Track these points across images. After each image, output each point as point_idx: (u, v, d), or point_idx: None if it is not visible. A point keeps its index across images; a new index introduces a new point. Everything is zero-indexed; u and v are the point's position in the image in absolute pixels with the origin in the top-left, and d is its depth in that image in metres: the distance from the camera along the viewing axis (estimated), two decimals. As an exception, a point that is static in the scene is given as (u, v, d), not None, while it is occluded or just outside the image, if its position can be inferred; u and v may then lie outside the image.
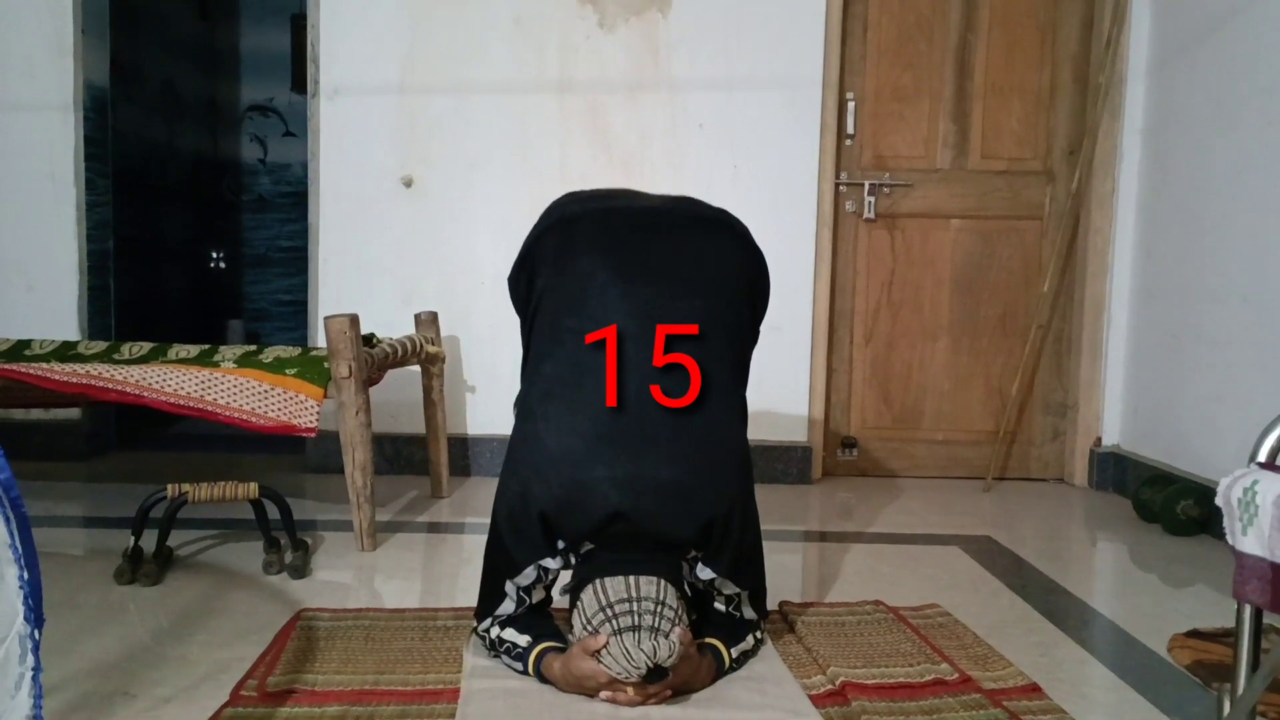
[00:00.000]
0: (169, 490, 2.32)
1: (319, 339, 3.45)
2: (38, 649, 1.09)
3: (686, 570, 1.76)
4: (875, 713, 1.64)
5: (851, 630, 2.03)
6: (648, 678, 1.59)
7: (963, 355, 3.75)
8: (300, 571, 2.37)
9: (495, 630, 1.80)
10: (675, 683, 1.65)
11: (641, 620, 1.60)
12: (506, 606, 1.79)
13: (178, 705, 1.64)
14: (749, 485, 1.80)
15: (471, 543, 2.71)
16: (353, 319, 2.54)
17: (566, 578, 1.78)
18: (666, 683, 1.63)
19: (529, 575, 1.75)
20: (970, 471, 3.76)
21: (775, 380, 3.53)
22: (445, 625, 2.02)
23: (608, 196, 2.03)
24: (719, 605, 1.84)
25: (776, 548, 2.71)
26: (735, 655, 1.80)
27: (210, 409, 2.49)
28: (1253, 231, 2.90)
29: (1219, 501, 1.36)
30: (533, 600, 1.80)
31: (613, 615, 1.61)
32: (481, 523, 1.85)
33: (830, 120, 3.56)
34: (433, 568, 2.60)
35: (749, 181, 3.53)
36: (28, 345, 2.82)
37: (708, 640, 1.78)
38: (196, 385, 2.52)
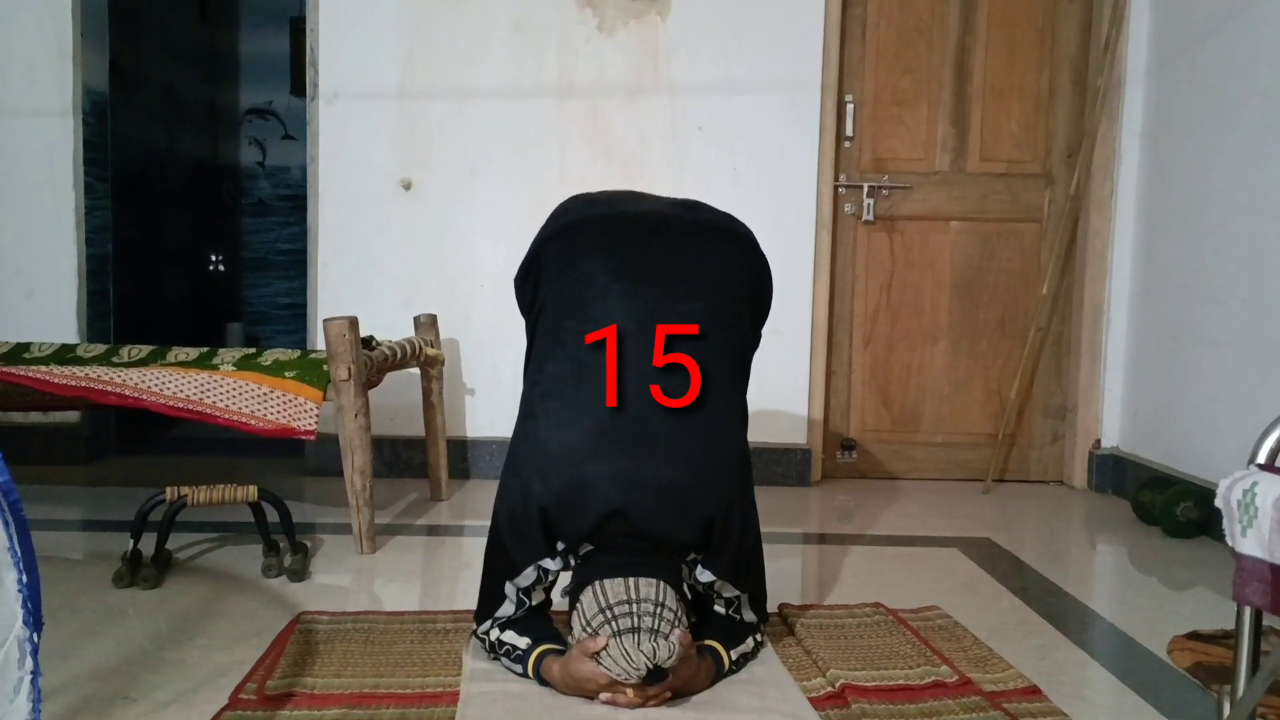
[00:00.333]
0: (168, 493, 2.32)
1: (318, 342, 3.45)
2: (37, 653, 1.09)
3: (686, 573, 1.76)
4: (875, 715, 1.64)
5: (851, 633, 2.03)
6: (647, 680, 1.59)
7: (962, 358, 3.76)
8: (299, 574, 2.36)
9: (495, 633, 1.80)
10: (675, 685, 1.65)
11: (641, 622, 1.60)
12: (506, 609, 1.79)
13: (177, 709, 1.64)
14: (749, 487, 1.80)
15: (471, 545, 2.71)
16: (352, 322, 2.54)
17: (566, 580, 1.78)
18: (666, 684, 1.63)
19: (529, 576, 1.75)
20: (970, 474, 3.76)
21: (774, 382, 3.53)
22: (445, 628, 2.02)
23: (613, 201, 2.04)
24: (719, 608, 1.84)
25: (776, 550, 2.71)
26: (735, 658, 1.80)
27: (209, 412, 2.49)
28: (1252, 233, 2.90)
29: (1218, 503, 1.36)
30: (532, 602, 1.80)
31: (612, 617, 1.61)
32: (481, 525, 1.86)
33: (829, 123, 3.56)
34: (432, 571, 2.59)
35: (748, 184, 3.53)
36: (27, 348, 2.82)
37: (707, 642, 1.78)
38: (196, 388, 2.52)
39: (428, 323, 3.22)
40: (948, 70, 3.67)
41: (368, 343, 2.73)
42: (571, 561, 1.75)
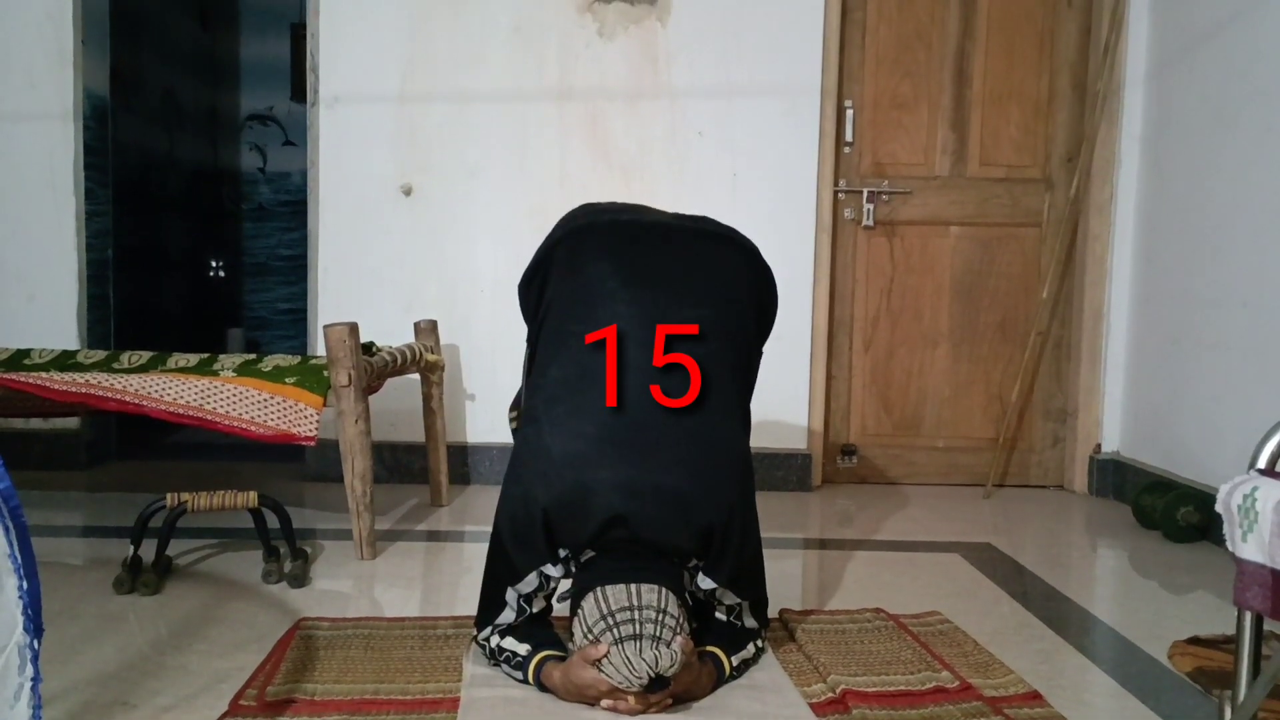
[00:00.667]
0: (168, 499, 2.32)
1: (318, 347, 3.45)
2: (37, 659, 1.09)
3: (687, 580, 1.77)
4: (876, 721, 1.64)
5: (852, 638, 2.03)
6: (649, 687, 1.59)
7: (962, 362, 3.76)
8: (300, 580, 2.36)
9: (495, 639, 1.80)
10: (676, 691, 1.65)
11: (643, 629, 1.60)
12: (507, 615, 1.79)
13: (177, 715, 1.64)
14: (750, 494, 1.80)
15: (471, 551, 2.71)
16: (352, 327, 2.55)
17: (567, 586, 1.78)
18: (667, 691, 1.63)
19: (531, 582, 1.75)
20: (970, 478, 3.76)
21: (775, 388, 3.52)
22: (445, 634, 2.02)
23: (620, 210, 2.05)
24: (720, 615, 1.84)
25: (777, 555, 2.70)
26: (736, 664, 1.80)
27: (209, 418, 2.49)
28: (1252, 236, 2.90)
29: (1219, 508, 1.36)
30: (533, 609, 1.80)
31: (614, 624, 1.61)
32: (481, 530, 1.86)
33: (829, 128, 3.57)
34: (432, 576, 2.59)
35: (748, 189, 3.54)
36: (27, 354, 2.82)
37: (708, 648, 1.78)
38: (196, 394, 2.52)
39: (428, 328, 3.23)
40: (947, 75, 3.68)
41: (368, 348, 2.73)
42: (573, 568, 1.75)
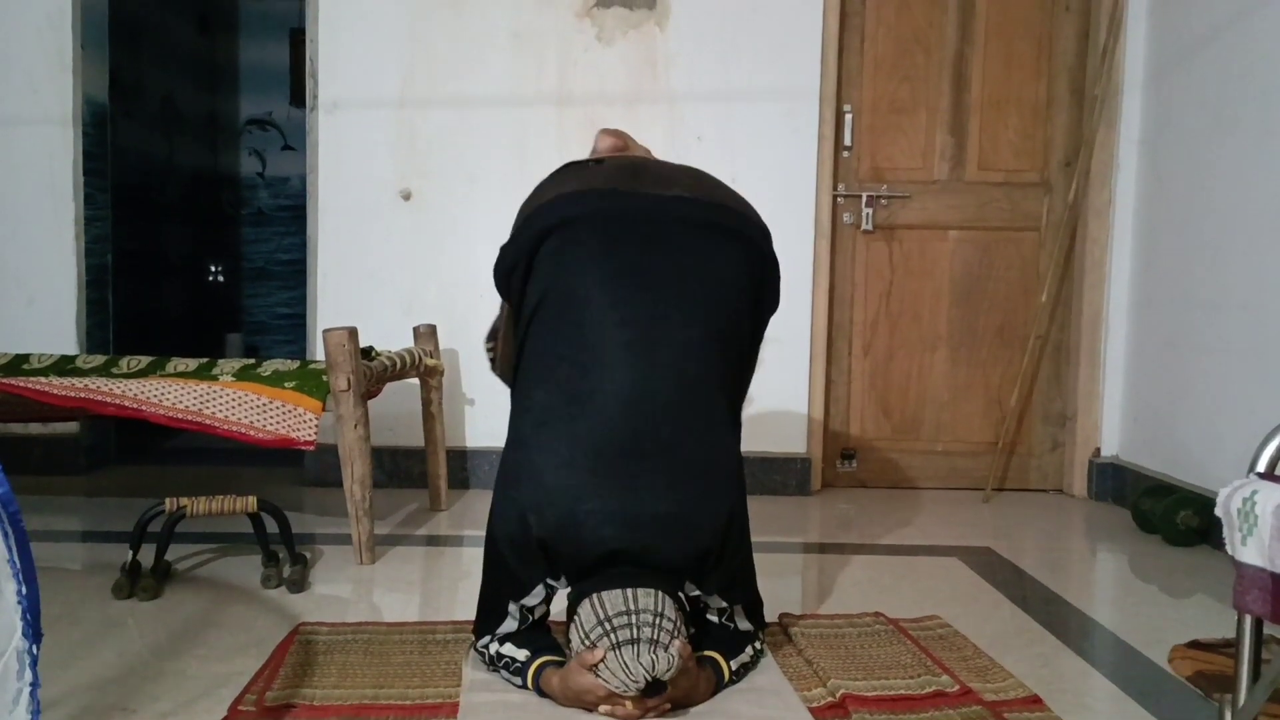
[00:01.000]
0: (167, 504, 2.32)
1: (318, 352, 3.44)
2: (36, 664, 1.08)
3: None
4: (876, 725, 1.64)
5: (852, 642, 2.03)
6: (646, 691, 1.59)
7: (961, 366, 3.76)
8: (299, 585, 2.36)
9: (494, 646, 1.80)
10: (674, 696, 1.65)
11: (640, 633, 1.59)
12: (509, 625, 1.79)
13: (176, 720, 1.64)
14: (742, 504, 1.80)
15: (471, 556, 2.70)
16: (351, 332, 2.54)
17: (567, 591, 1.78)
18: (665, 696, 1.62)
19: (538, 594, 1.76)
20: (970, 482, 3.75)
21: (774, 392, 3.53)
22: (444, 639, 2.02)
23: (608, 194, 1.89)
24: (711, 617, 1.84)
25: (776, 560, 2.70)
26: (734, 668, 1.80)
27: (209, 422, 2.49)
28: (1251, 240, 2.90)
29: (1218, 512, 1.36)
30: (535, 617, 1.80)
31: (611, 629, 1.60)
32: (480, 535, 1.85)
33: (828, 132, 3.57)
34: (432, 581, 2.59)
35: (747, 193, 3.43)
36: (26, 359, 2.82)
37: (707, 653, 1.78)
38: (195, 399, 2.52)
39: (427, 333, 3.23)
40: (946, 79, 3.68)
41: (367, 353, 2.73)
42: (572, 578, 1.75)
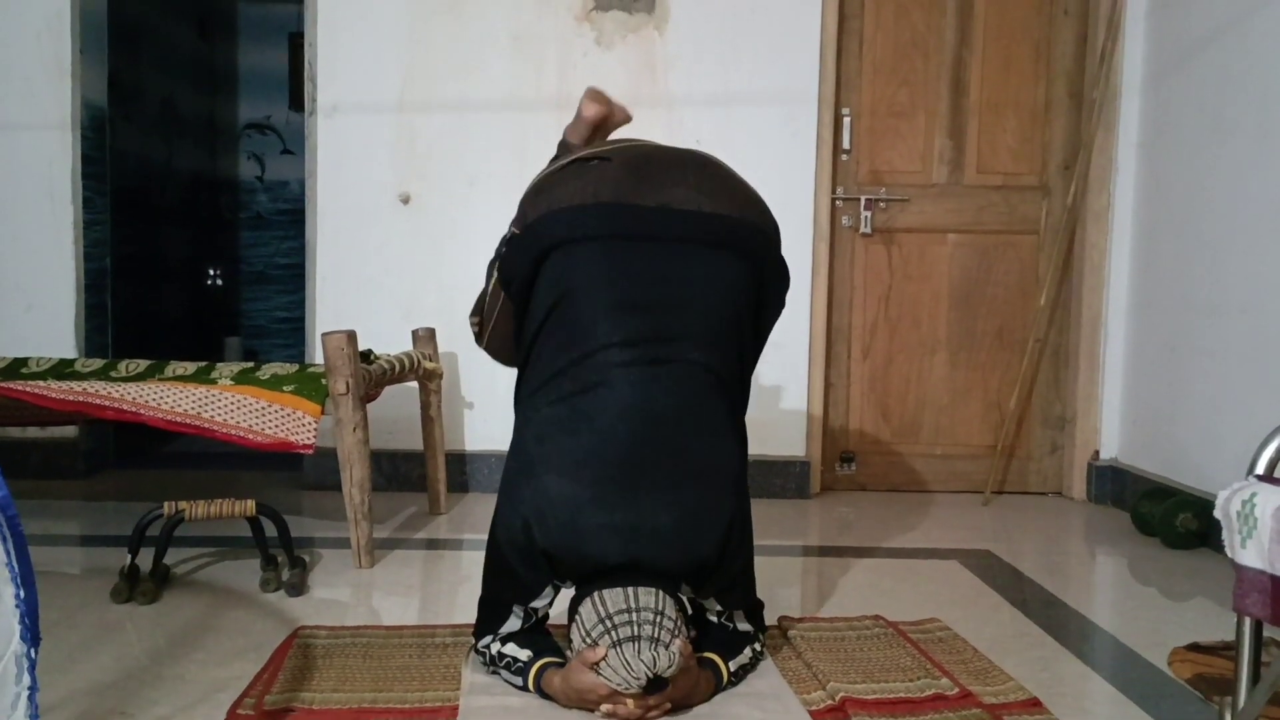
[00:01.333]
0: (166, 508, 2.32)
1: (317, 356, 3.44)
2: (34, 668, 1.08)
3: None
4: (876, 728, 1.64)
5: (851, 645, 2.03)
6: (647, 689, 1.59)
7: (960, 369, 3.76)
8: (298, 589, 2.36)
9: (496, 646, 1.80)
10: (674, 695, 1.65)
11: (641, 630, 1.60)
12: (512, 624, 1.79)
13: (175, 724, 1.64)
14: (745, 513, 1.79)
15: (470, 559, 2.70)
16: (350, 335, 2.54)
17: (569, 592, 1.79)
18: (666, 695, 1.62)
19: (547, 595, 1.76)
20: (969, 485, 3.75)
21: (773, 395, 3.53)
22: (444, 642, 2.01)
23: (616, 208, 1.83)
24: (711, 617, 1.85)
25: (776, 563, 2.70)
26: (733, 669, 1.80)
27: (207, 426, 2.49)
28: (1250, 243, 2.91)
29: (1218, 514, 1.36)
30: (538, 616, 1.81)
31: (612, 626, 1.61)
32: (480, 539, 1.85)
33: (826, 135, 3.57)
34: (431, 584, 2.59)
35: None
36: (25, 363, 2.82)
37: (706, 654, 1.78)
38: (194, 402, 2.52)
39: (426, 336, 3.23)
40: (944, 83, 3.69)
41: (366, 356, 2.73)
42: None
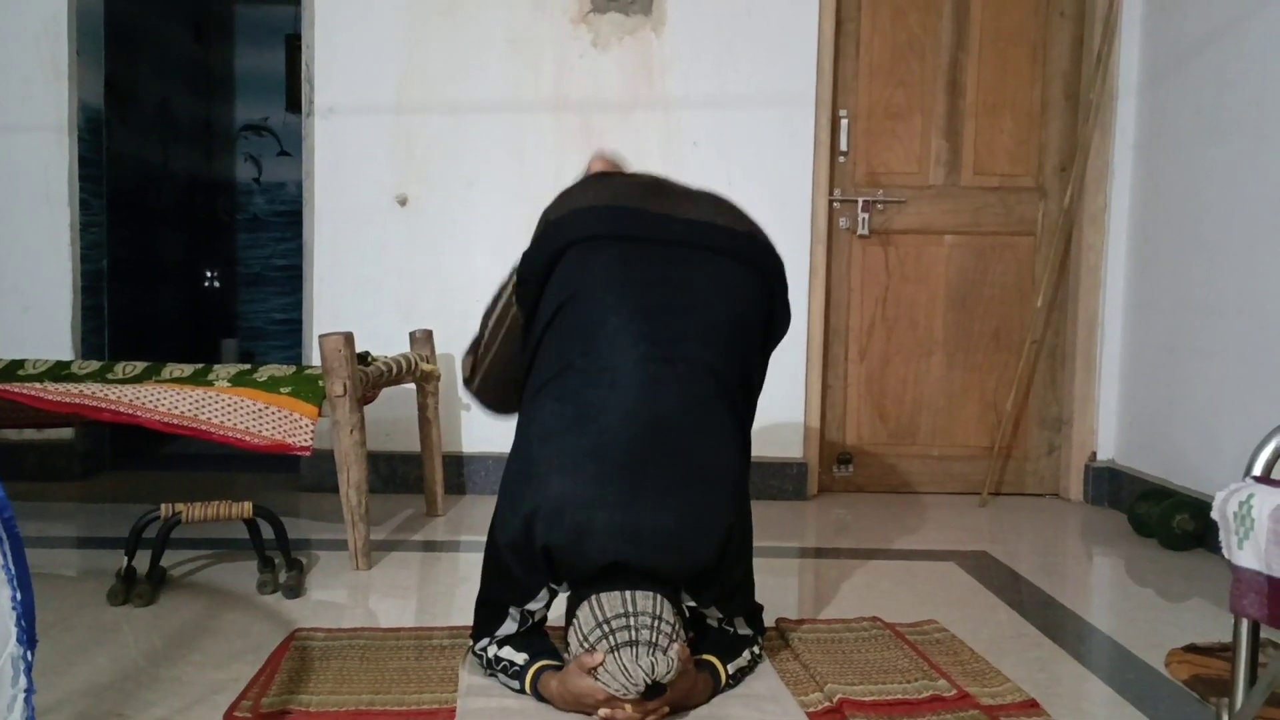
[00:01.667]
0: (163, 510, 2.31)
1: (314, 357, 3.44)
2: (30, 670, 1.08)
3: (676, 591, 1.77)
4: (873, 730, 1.64)
5: (849, 647, 2.03)
6: (645, 694, 1.59)
7: (957, 371, 3.76)
8: (295, 591, 2.36)
9: (492, 649, 1.79)
10: (673, 699, 1.64)
11: (639, 635, 1.59)
12: (508, 627, 1.78)
13: (171, 727, 1.63)
14: (746, 517, 1.79)
15: (467, 561, 2.70)
16: (347, 337, 2.54)
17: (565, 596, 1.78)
18: (664, 699, 1.62)
19: (542, 598, 1.76)
20: (966, 486, 3.76)
21: (771, 397, 3.47)
22: (441, 644, 2.01)
23: (632, 213, 1.90)
24: (711, 622, 1.84)
25: (773, 565, 2.70)
26: (731, 672, 1.80)
27: (204, 428, 2.49)
28: (1246, 244, 2.91)
29: (1215, 515, 1.36)
30: (534, 619, 1.80)
31: (610, 631, 1.60)
32: (477, 540, 1.85)
33: (824, 137, 3.58)
34: (428, 586, 2.59)
35: (743, 198, 3.45)
36: (21, 365, 2.82)
37: (704, 657, 1.78)
38: (190, 404, 2.51)
39: (423, 338, 3.22)
40: (941, 85, 3.69)
41: (363, 358, 2.72)
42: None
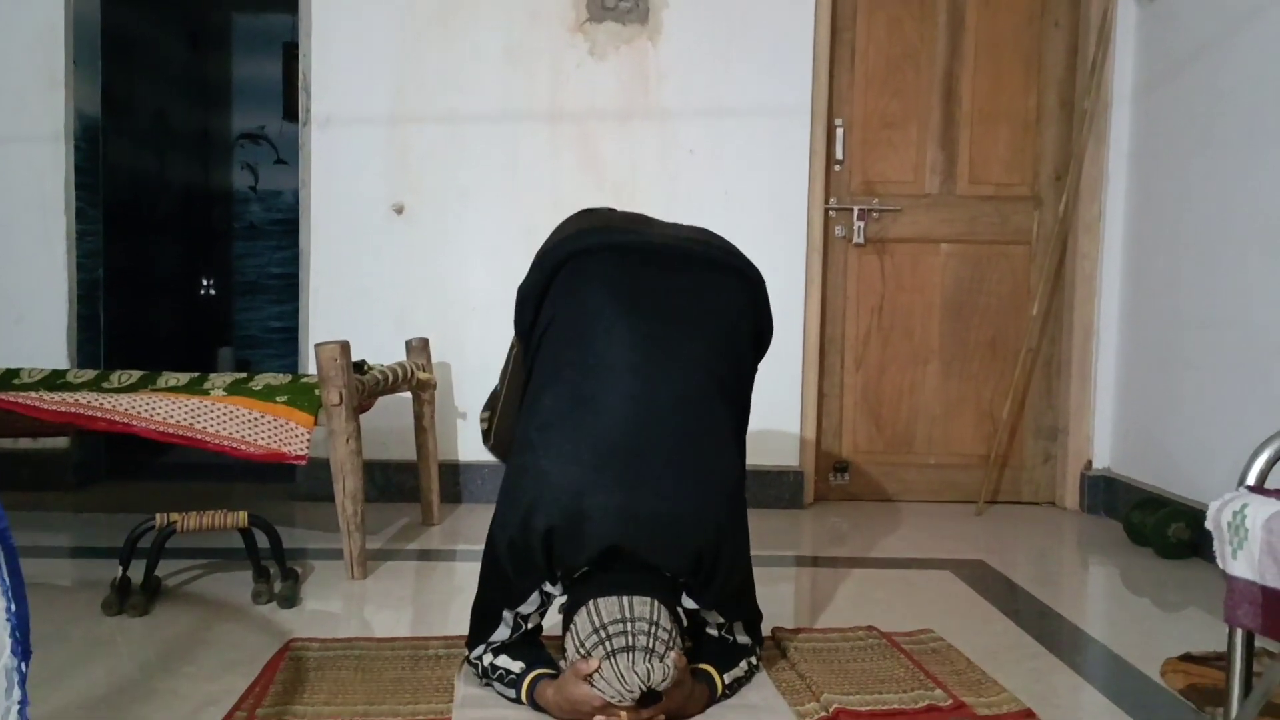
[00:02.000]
0: (157, 519, 2.31)
1: (310, 366, 3.44)
2: (25, 682, 1.08)
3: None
4: (869, 740, 1.63)
5: (845, 656, 2.03)
6: (642, 701, 1.58)
7: (953, 379, 3.76)
8: (290, 601, 2.35)
9: (488, 658, 1.79)
10: (669, 707, 1.64)
11: (636, 641, 1.59)
12: (502, 633, 1.78)
13: (166, 738, 1.63)
14: (742, 519, 1.80)
15: (463, 570, 2.70)
16: (343, 346, 2.54)
17: (563, 600, 1.78)
18: (660, 707, 1.62)
19: (533, 601, 1.75)
20: (962, 495, 3.76)
21: (767, 405, 3.49)
22: (436, 654, 2.01)
23: (622, 231, 1.98)
24: (710, 630, 1.84)
25: (769, 573, 2.70)
26: (728, 682, 1.80)
27: (200, 437, 2.48)
28: (1238, 254, 2.92)
29: (1209, 525, 1.36)
30: (528, 625, 1.80)
31: (606, 637, 1.60)
32: (473, 549, 1.85)
33: (819, 146, 3.58)
34: (424, 596, 2.58)
35: (739, 207, 3.54)
36: (16, 374, 2.81)
37: (701, 666, 1.78)
38: (186, 413, 2.51)
39: (419, 347, 3.22)
40: (936, 95, 3.70)
41: (359, 367, 2.72)
42: (569, 582, 1.75)
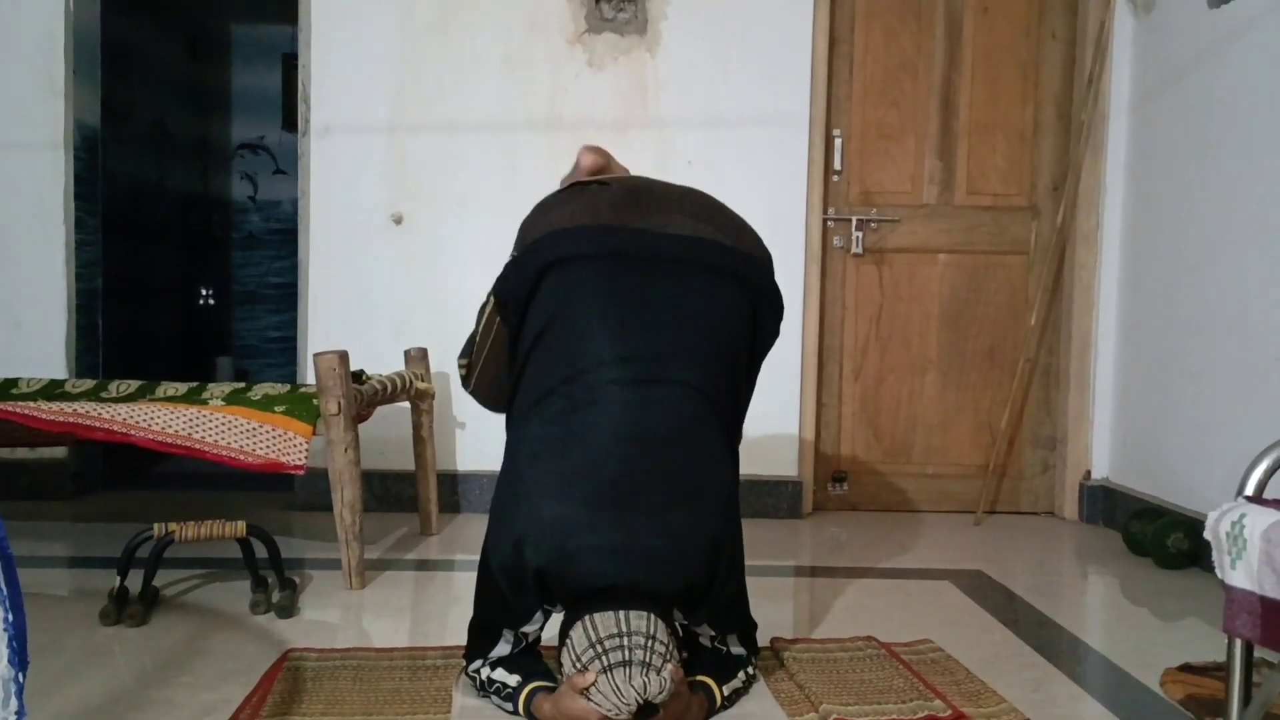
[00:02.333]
0: (155, 529, 2.30)
1: (308, 376, 3.44)
2: (22, 693, 1.07)
3: (669, 611, 1.76)
4: (868, 751, 1.63)
5: (843, 666, 2.02)
6: (639, 715, 1.58)
7: (951, 389, 3.77)
8: (288, 611, 2.34)
9: (486, 670, 1.79)
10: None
11: (632, 655, 1.58)
12: (502, 649, 1.78)
13: (162, 749, 1.62)
14: (736, 532, 1.79)
15: (461, 580, 2.69)
16: (342, 356, 2.54)
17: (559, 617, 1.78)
18: (657, 720, 1.62)
19: (537, 620, 1.76)
20: (960, 505, 3.76)
21: (765, 415, 3.52)
22: (434, 664, 2.00)
23: (614, 229, 1.90)
24: (704, 641, 1.84)
25: (767, 583, 2.70)
26: (726, 693, 1.79)
27: (198, 447, 2.48)
28: (1235, 263, 2.93)
29: (1208, 535, 1.36)
30: (529, 641, 1.80)
31: (603, 651, 1.59)
32: (471, 560, 1.85)
33: (817, 156, 3.59)
34: (422, 606, 2.58)
35: None
36: (15, 384, 2.81)
37: (699, 678, 1.77)
38: (184, 423, 2.51)
39: (418, 356, 3.22)
40: (934, 105, 3.71)
41: (358, 377, 2.72)
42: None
